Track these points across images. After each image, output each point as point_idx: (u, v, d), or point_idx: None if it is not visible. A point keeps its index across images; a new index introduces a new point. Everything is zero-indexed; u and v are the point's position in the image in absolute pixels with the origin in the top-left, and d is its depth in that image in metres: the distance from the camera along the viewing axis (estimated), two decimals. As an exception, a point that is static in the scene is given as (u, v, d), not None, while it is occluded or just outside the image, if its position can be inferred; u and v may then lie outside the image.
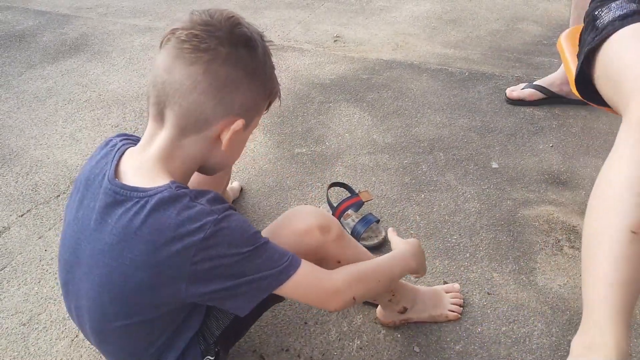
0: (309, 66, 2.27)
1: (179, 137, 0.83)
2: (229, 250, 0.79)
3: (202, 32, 0.80)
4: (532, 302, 1.22)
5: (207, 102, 0.81)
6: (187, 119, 0.82)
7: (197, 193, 0.81)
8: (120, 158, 0.87)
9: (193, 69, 0.80)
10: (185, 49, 0.80)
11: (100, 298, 0.86)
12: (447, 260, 1.33)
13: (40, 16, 2.85)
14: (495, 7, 2.84)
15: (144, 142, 0.86)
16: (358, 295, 0.92)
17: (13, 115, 1.98)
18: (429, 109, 1.96)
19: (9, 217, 1.50)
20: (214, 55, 0.80)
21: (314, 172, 1.65)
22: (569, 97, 1.92)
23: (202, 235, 0.77)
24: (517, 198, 1.52)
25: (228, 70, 0.81)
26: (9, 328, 1.19)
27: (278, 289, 0.84)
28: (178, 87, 0.81)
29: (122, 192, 0.81)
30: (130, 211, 0.79)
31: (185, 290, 0.80)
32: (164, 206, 0.78)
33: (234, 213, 0.82)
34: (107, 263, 0.82)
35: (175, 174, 0.84)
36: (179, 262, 0.78)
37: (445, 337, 1.14)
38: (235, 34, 0.82)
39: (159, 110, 0.83)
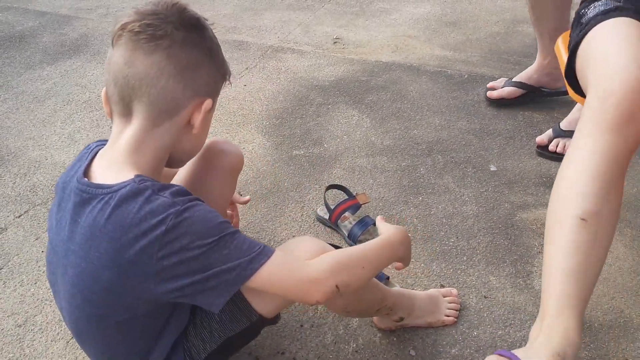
0: (308, 68, 2.27)
1: (151, 127, 0.84)
2: (193, 242, 0.77)
3: (154, 21, 0.82)
4: (528, 306, 1.21)
5: (175, 86, 0.83)
6: (159, 106, 0.83)
7: (161, 186, 0.80)
8: (93, 159, 0.88)
9: (155, 57, 0.81)
10: (142, 39, 0.81)
11: (74, 299, 0.85)
12: (444, 263, 1.33)
13: (40, 17, 2.85)
14: (495, 10, 2.84)
15: (112, 140, 0.86)
16: (342, 283, 0.86)
17: (12, 116, 1.98)
18: (428, 111, 1.95)
19: (6, 218, 1.50)
20: (172, 40, 0.82)
21: (311, 174, 1.64)
22: (548, 89, 1.93)
23: (163, 228, 0.76)
24: (515, 201, 1.52)
25: (188, 52, 0.84)
26: (4, 329, 1.18)
27: (250, 280, 0.80)
28: (143, 77, 0.82)
29: (88, 190, 0.81)
30: (96, 209, 0.79)
31: (155, 288, 0.79)
32: (126, 201, 0.78)
33: (198, 203, 0.80)
34: (77, 263, 0.82)
35: (144, 167, 0.84)
36: (145, 258, 0.77)
37: (441, 340, 1.14)
38: (185, 17, 0.85)
39: (125, 105, 0.84)
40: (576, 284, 0.84)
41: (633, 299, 1.22)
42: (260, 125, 1.89)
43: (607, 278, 1.27)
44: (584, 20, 1.17)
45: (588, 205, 0.86)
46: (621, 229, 1.41)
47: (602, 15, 1.12)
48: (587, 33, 1.11)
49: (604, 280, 1.27)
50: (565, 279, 0.84)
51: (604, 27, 1.08)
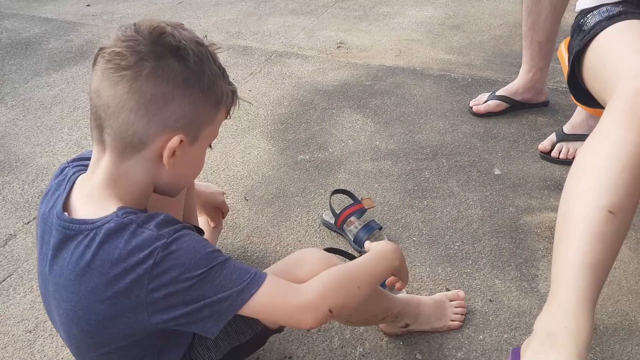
0: (312, 73, 2.29)
1: (119, 161, 0.80)
2: (183, 275, 0.76)
3: (123, 49, 0.76)
4: (534, 309, 1.22)
5: (137, 120, 0.77)
6: (122, 140, 0.79)
7: (145, 218, 0.79)
8: (72, 188, 0.86)
9: (118, 89, 0.76)
10: (109, 69, 0.77)
11: (71, 331, 0.85)
12: (450, 267, 1.33)
13: (46, 23, 2.87)
14: (498, 13, 2.85)
15: (91, 168, 0.84)
16: (335, 306, 0.84)
17: (19, 123, 2.00)
18: (432, 115, 1.96)
19: (15, 224, 1.51)
20: (137, 71, 0.76)
21: (317, 179, 1.66)
22: (532, 103, 1.95)
23: (151, 262, 0.75)
24: (520, 205, 1.53)
25: (155, 84, 0.77)
26: (15, 335, 1.20)
27: (242, 309, 0.79)
28: (107, 109, 0.78)
29: (72, 227, 0.80)
30: (81, 245, 0.78)
31: (149, 320, 0.79)
32: (111, 237, 0.77)
33: (185, 234, 0.79)
34: (69, 297, 0.81)
35: (124, 199, 0.81)
36: (136, 291, 0.77)
37: (447, 344, 1.15)
38: (159, 44, 0.77)
39: (99, 134, 0.81)
40: (594, 278, 0.82)
41: (638, 302, 1.23)
42: (265, 130, 1.90)
43: (612, 281, 1.28)
44: (585, 28, 1.18)
45: (616, 198, 0.83)
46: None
47: (606, 21, 1.13)
48: (592, 39, 1.11)
49: (609, 283, 1.27)
50: (586, 271, 0.82)
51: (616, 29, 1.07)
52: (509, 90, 1.94)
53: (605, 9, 1.17)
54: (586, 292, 0.81)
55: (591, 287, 0.82)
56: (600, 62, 1.06)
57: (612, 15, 1.13)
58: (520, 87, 1.92)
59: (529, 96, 1.93)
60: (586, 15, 1.21)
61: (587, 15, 1.20)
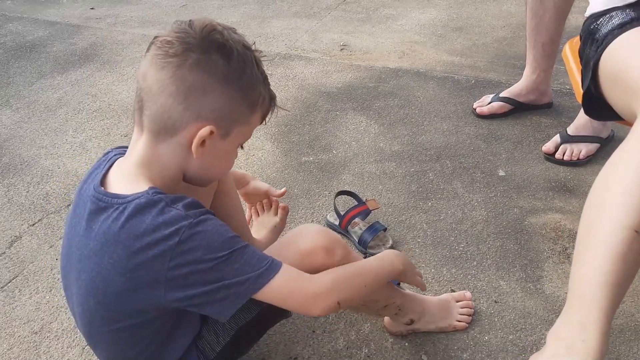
0: (315, 75, 2.29)
1: (154, 143, 0.85)
2: (205, 255, 0.80)
3: (174, 39, 0.82)
4: (539, 310, 1.22)
5: (174, 105, 0.82)
6: (158, 123, 0.83)
7: (173, 198, 0.82)
8: (110, 167, 0.90)
9: (162, 74, 0.81)
10: (157, 55, 0.82)
11: (87, 303, 0.88)
12: (455, 268, 1.33)
13: (50, 26, 2.89)
14: (501, 15, 2.85)
15: (130, 149, 0.89)
16: (343, 299, 0.90)
17: (24, 125, 2.01)
18: (436, 116, 1.96)
19: (21, 226, 1.52)
20: (182, 60, 0.81)
21: (321, 181, 1.66)
22: (535, 105, 1.95)
23: (177, 239, 0.78)
24: (524, 206, 1.53)
25: (197, 75, 0.81)
26: (21, 336, 1.20)
27: (258, 293, 0.83)
28: (149, 92, 0.83)
29: (105, 199, 0.84)
30: (111, 217, 0.82)
31: (165, 296, 0.82)
32: (140, 212, 0.80)
33: (210, 217, 0.83)
34: (91, 268, 0.85)
35: (155, 181, 0.85)
36: (156, 267, 0.79)
37: (452, 345, 1.15)
38: (207, 40, 0.82)
39: (139, 116, 0.85)
40: (614, 298, 0.82)
41: (644, 303, 1.23)
42: (269, 132, 1.91)
43: (618, 282, 1.28)
44: (598, 36, 1.15)
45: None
46: (631, 233, 1.41)
47: (618, 29, 1.10)
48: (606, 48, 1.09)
49: (615, 285, 1.27)
50: (607, 289, 0.81)
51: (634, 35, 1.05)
52: (513, 92, 1.94)
53: (616, 14, 1.14)
54: (605, 311, 0.81)
55: (611, 307, 0.82)
56: (621, 70, 1.03)
57: (624, 23, 1.10)
58: (524, 89, 1.92)
59: (533, 98, 1.93)
60: (597, 20, 1.18)
61: (598, 21, 1.17)
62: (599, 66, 1.10)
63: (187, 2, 3.23)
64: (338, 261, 0.94)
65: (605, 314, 0.82)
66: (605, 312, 0.82)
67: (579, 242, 0.88)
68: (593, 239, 0.84)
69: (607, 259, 0.82)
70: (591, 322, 0.82)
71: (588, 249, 0.85)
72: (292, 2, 3.16)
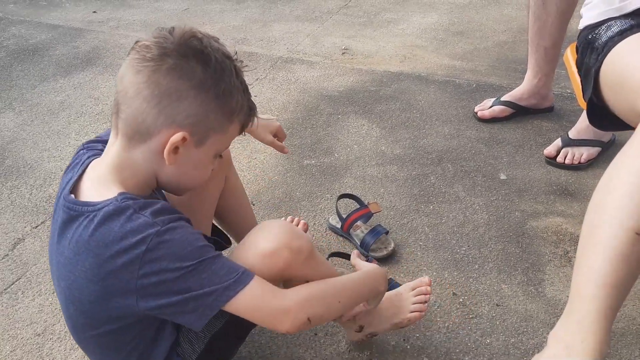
0: (317, 78, 2.30)
1: (127, 147, 0.85)
2: (172, 264, 0.79)
3: (152, 44, 0.82)
4: (541, 314, 1.22)
5: (148, 109, 0.81)
6: (132, 127, 0.83)
7: (142, 204, 0.82)
8: (84, 171, 0.90)
9: (138, 77, 0.81)
10: (135, 59, 0.82)
11: (68, 310, 0.90)
12: (456, 271, 1.34)
13: (52, 30, 2.90)
14: (502, 19, 2.86)
15: (105, 152, 0.89)
16: (314, 316, 0.88)
17: (27, 128, 2.01)
18: (437, 120, 1.97)
19: (24, 228, 1.52)
20: (158, 64, 0.80)
21: (323, 184, 1.66)
22: (537, 109, 1.95)
23: (144, 247, 0.78)
24: (526, 209, 1.53)
25: (171, 79, 0.81)
26: (24, 338, 1.21)
27: (226, 305, 0.83)
28: (125, 95, 0.83)
29: (75, 208, 0.84)
30: (82, 226, 0.82)
31: (137, 304, 0.82)
32: (108, 219, 0.80)
33: (179, 225, 0.82)
34: (67, 276, 0.86)
35: (128, 184, 0.85)
36: (126, 275, 0.80)
37: (454, 348, 1.15)
38: (185, 46, 0.82)
39: (115, 120, 0.85)
40: (614, 299, 0.83)
41: (645, 307, 1.23)
42: (271, 135, 1.91)
43: (619, 286, 1.28)
44: (598, 44, 1.14)
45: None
46: (632, 237, 1.42)
47: (618, 35, 1.10)
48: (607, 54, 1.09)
49: (616, 288, 1.27)
50: (608, 290, 0.82)
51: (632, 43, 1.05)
52: (514, 96, 1.94)
53: (614, 22, 1.14)
54: (606, 312, 0.82)
55: (610, 307, 0.83)
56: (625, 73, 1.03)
57: (624, 30, 1.11)
58: (525, 93, 1.93)
59: (534, 102, 1.94)
60: (594, 30, 1.18)
61: (596, 31, 1.17)
62: (601, 73, 1.10)
63: (189, 5, 3.24)
64: (304, 259, 0.90)
65: (604, 315, 0.82)
66: (605, 313, 0.82)
67: (580, 244, 0.89)
68: (594, 240, 0.85)
69: (608, 260, 0.82)
70: (591, 323, 0.82)
71: (589, 251, 0.85)
72: (293, 6, 3.17)
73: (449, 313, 1.23)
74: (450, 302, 1.26)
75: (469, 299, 1.26)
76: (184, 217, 0.86)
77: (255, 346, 1.17)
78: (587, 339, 0.82)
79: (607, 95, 1.10)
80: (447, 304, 1.25)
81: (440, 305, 1.25)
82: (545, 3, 1.72)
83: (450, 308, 1.24)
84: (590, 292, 0.83)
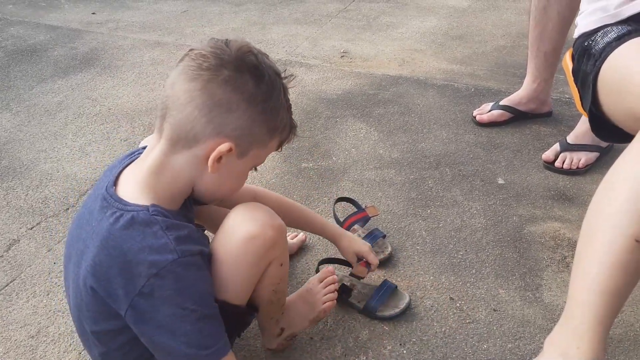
0: (316, 81, 2.29)
1: (170, 151, 0.86)
2: (172, 298, 0.80)
3: (209, 54, 0.83)
4: (538, 319, 1.22)
5: (199, 117, 0.83)
6: (179, 132, 0.84)
7: (170, 225, 0.82)
8: (128, 165, 0.91)
9: (192, 85, 0.83)
10: (190, 66, 0.83)
11: (76, 298, 0.90)
12: (453, 276, 1.33)
13: (51, 31, 2.89)
14: (501, 24, 2.87)
15: (146, 153, 0.89)
16: None
17: (24, 129, 2.01)
18: (435, 124, 1.97)
19: (19, 229, 1.52)
20: (215, 75, 0.82)
21: (320, 187, 1.66)
22: (535, 114, 1.95)
23: (155, 271, 0.79)
24: (523, 214, 1.53)
25: (225, 91, 0.83)
26: (17, 340, 1.20)
27: None
28: (175, 101, 0.84)
29: (109, 200, 0.85)
30: (107, 220, 0.83)
31: (125, 316, 0.83)
32: (133, 226, 0.81)
33: (195, 263, 0.83)
34: (81, 263, 0.86)
35: (163, 194, 0.86)
36: (128, 287, 0.80)
37: (451, 353, 1.14)
38: (242, 60, 0.84)
39: (161, 123, 0.86)
40: (611, 306, 0.83)
41: (643, 313, 1.23)
42: (269, 138, 1.90)
43: (617, 291, 1.28)
44: (595, 51, 1.13)
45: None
46: (630, 242, 1.41)
47: (616, 41, 1.09)
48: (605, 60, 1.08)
49: (614, 294, 1.27)
50: (605, 297, 0.82)
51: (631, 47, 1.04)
52: (513, 100, 1.94)
53: (611, 29, 1.14)
54: (602, 319, 0.82)
55: (607, 315, 0.82)
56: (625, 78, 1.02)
57: (621, 35, 1.10)
58: (524, 98, 1.93)
59: (533, 107, 1.94)
60: (591, 37, 1.18)
61: (592, 38, 1.17)
62: (599, 79, 1.09)
63: (188, 8, 3.24)
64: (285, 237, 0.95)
65: (600, 321, 0.82)
66: (602, 320, 0.82)
67: (578, 250, 0.88)
68: (593, 246, 0.84)
69: (606, 267, 0.82)
70: (587, 330, 0.82)
71: (587, 257, 0.85)
72: (293, 9, 3.17)
73: (446, 318, 1.22)
74: (447, 306, 1.25)
75: (466, 303, 1.26)
76: (205, 252, 0.87)
77: (250, 350, 1.16)
78: (582, 346, 0.82)
79: (606, 101, 1.09)
80: (444, 308, 1.25)
81: (437, 310, 1.24)
82: (547, 8, 1.72)
83: (447, 313, 1.24)
84: (587, 299, 0.83)
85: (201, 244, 0.87)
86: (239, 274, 0.91)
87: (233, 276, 0.91)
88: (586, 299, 0.83)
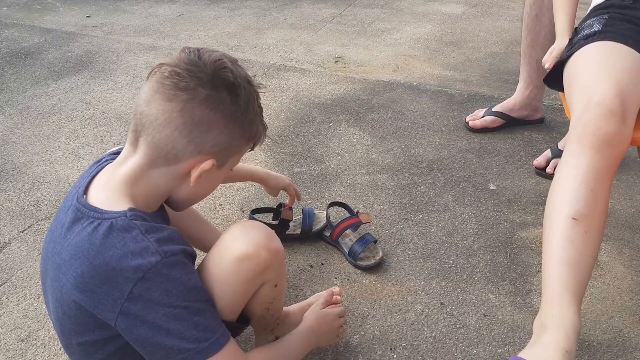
0: (310, 86, 2.30)
1: (148, 167, 0.86)
2: (162, 299, 0.80)
3: (184, 71, 0.82)
4: (528, 324, 1.22)
5: (179, 138, 0.83)
6: (158, 152, 0.84)
7: (150, 227, 0.81)
8: (97, 174, 0.90)
9: (170, 106, 0.82)
10: (165, 85, 0.82)
11: (57, 312, 0.89)
12: (444, 281, 1.34)
13: (46, 34, 2.89)
14: (495, 30, 2.88)
15: (118, 162, 0.88)
16: None
17: (17, 132, 2.00)
18: (428, 130, 1.98)
19: (10, 232, 1.51)
20: (193, 95, 0.82)
21: (313, 192, 1.66)
22: (527, 120, 1.97)
23: (141, 274, 0.78)
24: (515, 220, 1.53)
25: (204, 111, 0.83)
26: (7, 344, 1.19)
27: None
28: (153, 121, 0.83)
29: (83, 210, 0.84)
30: (84, 231, 0.82)
31: (115, 325, 0.82)
32: (113, 234, 0.80)
33: (179, 262, 0.82)
34: (60, 277, 0.85)
35: (138, 200, 0.85)
36: (116, 294, 0.79)
37: (441, 358, 1.15)
38: (218, 76, 0.84)
39: (135, 137, 0.86)
40: (573, 271, 0.95)
41: (632, 318, 1.23)
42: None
43: (606, 297, 1.28)
44: (575, 40, 1.26)
45: (578, 207, 0.99)
46: (620, 249, 1.43)
47: (584, 39, 1.21)
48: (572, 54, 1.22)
49: (603, 300, 1.28)
50: (564, 267, 0.95)
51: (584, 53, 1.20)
52: (505, 107, 1.95)
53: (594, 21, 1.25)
54: (567, 285, 0.94)
55: (571, 282, 0.94)
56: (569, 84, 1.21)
57: (589, 35, 1.22)
58: (516, 104, 1.94)
59: (525, 113, 1.95)
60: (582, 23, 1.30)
61: (582, 24, 1.29)
62: (566, 65, 1.25)
63: (184, 12, 3.24)
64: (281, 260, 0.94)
65: (567, 288, 0.93)
66: (567, 286, 0.94)
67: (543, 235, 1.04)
68: (547, 230, 1.02)
69: (556, 242, 0.98)
70: (557, 298, 0.93)
71: (547, 238, 1.01)
72: (288, 14, 3.18)
73: (436, 323, 1.23)
74: (438, 311, 1.26)
75: (456, 308, 1.26)
76: (188, 250, 0.86)
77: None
78: (555, 312, 0.92)
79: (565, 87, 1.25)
80: (434, 313, 1.25)
81: (427, 315, 1.25)
82: (539, 16, 1.73)
83: (438, 318, 1.24)
84: (551, 271, 0.96)
85: (183, 244, 0.86)
86: (229, 291, 0.90)
87: (223, 293, 0.89)
88: (551, 272, 0.96)
